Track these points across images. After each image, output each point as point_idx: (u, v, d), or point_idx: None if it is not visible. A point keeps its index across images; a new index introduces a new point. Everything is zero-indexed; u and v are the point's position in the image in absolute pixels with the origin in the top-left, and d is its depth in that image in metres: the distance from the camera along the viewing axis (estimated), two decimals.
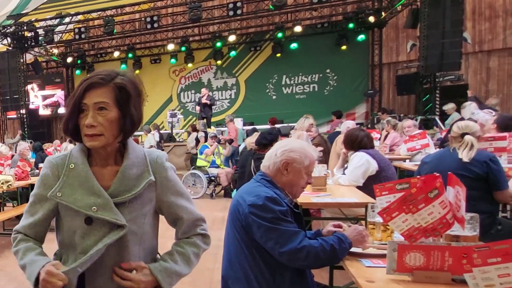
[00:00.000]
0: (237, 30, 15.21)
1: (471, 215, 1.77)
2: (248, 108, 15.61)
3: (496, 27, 13.05)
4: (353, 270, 1.96)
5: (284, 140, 2.50)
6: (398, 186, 2.09)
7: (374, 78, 14.62)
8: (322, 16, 14.74)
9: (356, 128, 4.67)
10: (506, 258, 1.03)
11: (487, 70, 13.38)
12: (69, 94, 13.23)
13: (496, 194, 3.33)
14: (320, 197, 3.73)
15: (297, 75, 15.36)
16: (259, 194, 2.16)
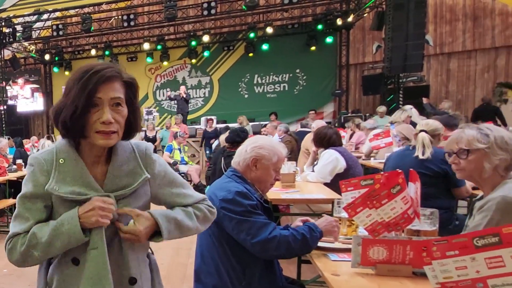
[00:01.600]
0: (211, 30, 15.19)
1: (431, 211, 1.80)
2: (221, 106, 15.58)
3: (456, 30, 13.40)
4: (320, 264, 1.97)
5: (254, 137, 2.50)
6: (363, 182, 2.10)
7: (342, 79, 14.78)
8: (292, 17, 14.83)
9: (325, 126, 4.70)
10: (463, 251, 1.04)
11: (447, 71, 13.72)
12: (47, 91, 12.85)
13: (454, 190, 3.39)
14: (289, 193, 3.75)
15: (269, 74, 15.40)
16: (229, 189, 2.17)
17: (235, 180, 2.26)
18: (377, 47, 12.35)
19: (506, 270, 0.98)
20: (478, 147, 1.86)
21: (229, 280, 2.16)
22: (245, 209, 2.10)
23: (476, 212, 1.84)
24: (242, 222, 2.09)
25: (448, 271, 1.07)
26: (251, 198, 2.16)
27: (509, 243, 0.98)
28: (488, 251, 1.00)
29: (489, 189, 1.89)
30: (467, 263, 1.03)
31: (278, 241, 2.05)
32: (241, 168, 2.30)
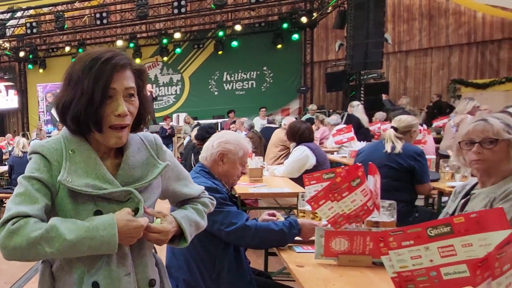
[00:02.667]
0: (181, 28, 15.04)
1: (389, 203, 1.82)
2: (192, 103, 15.45)
3: (413, 29, 13.70)
4: (285, 256, 1.98)
5: (220, 132, 2.48)
6: (325, 176, 2.12)
7: (306, 76, 14.88)
8: (259, 16, 14.83)
9: (299, 121, 4.71)
10: (418, 241, 1.05)
11: (405, 69, 14.03)
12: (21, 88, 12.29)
13: (418, 187, 3.42)
14: (257, 187, 3.76)
15: (237, 72, 15.34)
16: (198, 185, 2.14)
17: (203, 176, 2.24)
18: (340, 45, 12.50)
19: (457, 259, 0.99)
20: (505, 138, 1.77)
21: (199, 274, 2.15)
22: (217, 201, 2.07)
23: (500, 201, 1.77)
24: (215, 213, 2.02)
25: (404, 261, 1.07)
26: (221, 192, 2.15)
27: (460, 233, 0.99)
28: (441, 240, 1.02)
29: (498, 179, 1.84)
30: (421, 252, 1.04)
31: (255, 230, 2.05)
32: (209, 163, 2.28)
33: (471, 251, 0.97)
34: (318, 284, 1.61)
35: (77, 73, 1.17)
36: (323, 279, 1.65)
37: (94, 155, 1.21)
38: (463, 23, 13.21)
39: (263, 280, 2.39)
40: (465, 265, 0.98)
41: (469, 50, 13.29)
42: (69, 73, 1.20)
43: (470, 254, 0.97)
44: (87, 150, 1.21)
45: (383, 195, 1.86)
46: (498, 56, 13.00)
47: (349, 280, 1.63)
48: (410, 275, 1.07)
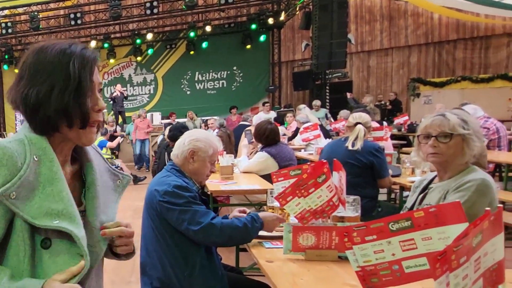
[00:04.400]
0: (154, 29, 14.91)
1: (354, 198, 1.83)
2: (165, 102, 15.29)
3: (374, 29, 13.94)
4: (255, 251, 1.97)
5: (192, 131, 2.46)
6: (292, 173, 2.12)
7: (275, 75, 14.94)
8: (229, 17, 14.79)
9: (266, 121, 4.68)
10: (380, 235, 1.05)
11: (367, 68, 14.26)
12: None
13: (379, 181, 3.45)
14: (228, 185, 3.75)
15: (208, 72, 15.28)
16: (169, 183, 2.13)
17: (174, 174, 2.23)
18: (306, 45, 12.57)
19: (418, 252, 1.00)
20: (459, 132, 1.80)
21: (172, 272, 2.13)
22: (186, 200, 2.08)
23: (452, 192, 1.81)
24: (183, 211, 2.06)
25: (367, 255, 1.07)
26: (191, 190, 2.13)
27: (420, 227, 0.99)
28: (402, 234, 1.02)
29: (454, 173, 1.86)
30: (384, 246, 1.04)
31: (220, 228, 2.03)
32: (180, 161, 2.26)
33: (431, 244, 0.97)
34: (287, 279, 1.60)
35: (51, 61, 0.99)
36: (291, 274, 1.65)
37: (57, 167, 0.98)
38: (421, 24, 13.53)
39: (234, 276, 2.38)
40: (425, 258, 0.98)
41: (427, 50, 13.64)
42: (33, 63, 1.01)
43: (429, 247, 0.98)
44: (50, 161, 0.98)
45: (346, 192, 1.87)
46: (453, 56, 13.39)
47: (316, 275, 1.62)
48: (373, 269, 1.06)
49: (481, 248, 0.79)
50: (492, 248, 0.79)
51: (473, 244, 0.79)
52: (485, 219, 0.80)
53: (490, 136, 4.95)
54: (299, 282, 1.57)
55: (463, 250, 0.78)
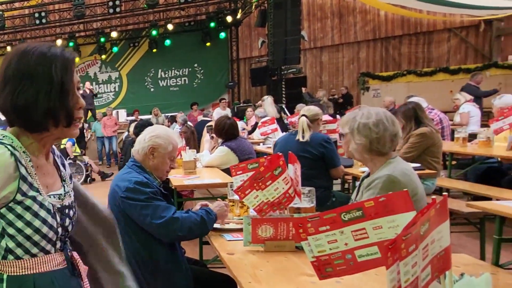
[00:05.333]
0: (117, 27, 14.57)
1: (309, 189, 1.81)
2: (130, 100, 15.01)
3: (326, 26, 14.10)
4: (217, 244, 1.93)
5: (152, 127, 2.38)
6: (250, 166, 2.08)
7: (233, 72, 14.89)
8: (189, 15, 14.63)
9: (225, 117, 4.64)
10: (333, 225, 1.03)
11: (320, 64, 14.43)
12: None
13: (332, 171, 3.47)
14: (191, 179, 3.68)
15: (171, 69, 15.11)
16: (130, 180, 2.08)
17: (135, 170, 2.17)
18: (262, 42, 12.56)
19: (369, 241, 0.98)
20: (344, 132, 1.85)
21: (138, 268, 2.07)
22: (147, 195, 2.03)
23: (365, 190, 1.83)
24: (145, 207, 2.02)
25: (321, 245, 1.05)
26: (151, 186, 2.09)
27: (371, 216, 0.98)
28: (354, 224, 1.00)
29: (373, 167, 1.88)
30: (337, 236, 1.02)
31: (181, 222, 2.01)
32: (140, 157, 2.20)
33: (381, 233, 0.96)
34: (247, 271, 1.57)
35: (34, 66, 1.02)
36: (251, 265, 1.62)
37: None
38: (368, 20, 13.80)
39: (198, 269, 2.35)
40: (376, 246, 0.97)
41: (375, 45, 13.95)
42: (17, 68, 1.03)
43: (380, 236, 0.96)
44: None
45: (301, 184, 1.85)
46: (399, 51, 13.76)
47: (275, 265, 1.60)
48: (328, 259, 1.04)
49: (428, 236, 0.78)
50: (438, 236, 0.78)
51: (421, 233, 0.77)
52: (432, 208, 0.79)
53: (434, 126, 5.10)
54: (259, 273, 1.54)
55: (411, 238, 0.77)
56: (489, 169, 4.31)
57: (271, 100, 8.53)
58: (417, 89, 10.33)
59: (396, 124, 1.82)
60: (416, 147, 3.51)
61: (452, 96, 6.90)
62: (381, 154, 1.82)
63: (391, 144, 1.81)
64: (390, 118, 1.81)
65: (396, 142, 1.83)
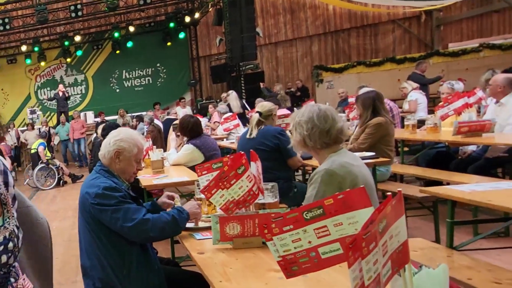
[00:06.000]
0: (80, 30, 14.15)
1: (272, 184, 1.79)
2: (97, 101, 14.60)
3: (279, 22, 14.12)
4: (187, 244, 1.88)
5: (117, 130, 2.27)
6: (214, 166, 2.03)
7: (194, 70, 14.69)
8: (148, 16, 14.30)
9: (188, 115, 4.55)
10: (296, 225, 1.00)
11: (276, 59, 14.46)
12: None
13: (288, 161, 3.43)
14: (159, 178, 3.60)
15: (134, 69, 14.79)
16: (98, 185, 2.00)
17: (103, 175, 2.08)
18: (220, 40, 12.42)
19: (331, 238, 0.96)
20: (290, 129, 1.84)
21: (112, 271, 2.02)
22: (117, 200, 1.95)
23: (309, 183, 1.83)
24: (116, 211, 1.95)
25: (286, 245, 1.02)
26: (120, 190, 2.01)
27: (331, 213, 0.96)
28: (315, 222, 0.98)
29: (320, 160, 1.87)
30: (301, 235, 1.00)
31: (152, 223, 1.93)
32: (107, 161, 2.12)
33: (342, 230, 0.94)
34: (216, 269, 1.53)
35: None
36: (221, 264, 1.58)
37: None
38: (318, 15, 13.94)
39: (170, 269, 2.29)
40: (338, 243, 0.95)
41: (326, 39, 14.12)
42: None
43: (341, 233, 0.95)
44: None
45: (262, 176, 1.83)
46: (349, 43, 14.00)
47: (244, 262, 1.57)
48: (293, 258, 1.02)
49: (386, 232, 0.76)
50: (396, 231, 0.77)
51: (380, 230, 0.76)
52: (388, 204, 0.77)
53: None
54: (229, 271, 1.50)
55: (371, 236, 0.75)
56: (438, 153, 4.34)
57: (235, 95, 8.48)
58: (367, 79, 10.45)
59: (329, 121, 1.79)
60: (371, 137, 3.55)
61: (400, 85, 6.96)
62: (322, 148, 1.82)
63: (327, 139, 1.79)
64: (322, 116, 1.79)
65: (336, 136, 1.81)
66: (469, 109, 4.04)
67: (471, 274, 1.83)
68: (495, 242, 3.07)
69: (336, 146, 1.85)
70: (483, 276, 1.82)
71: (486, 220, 3.05)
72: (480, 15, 12.26)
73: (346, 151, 1.90)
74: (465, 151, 4.06)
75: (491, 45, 10.97)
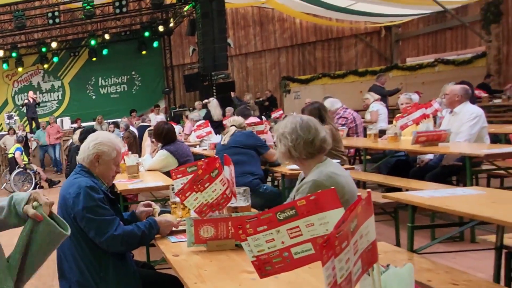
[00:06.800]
0: (58, 37, 13.68)
1: (243, 188, 1.76)
2: (74, 107, 14.15)
3: (249, 34, 14.17)
4: (163, 246, 1.83)
5: (95, 134, 2.18)
6: (189, 169, 1.99)
7: (169, 78, 14.48)
8: (124, 25, 13.97)
9: (163, 122, 4.47)
10: (270, 225, 0.99)
11: (246, 69, 14.48)
12: None
13: (264, 156, 3.55)
14: (135, 183, 3.51)
15: (110, 77, 14.43)
16: (79, 185, 1.92)
17: (83, 175, 2.01)
18: (193, 50, 12.32)
19: (303, 238, 0.95)
20: (274, 140, 1.81)
21: (89, 274, 1.94)
22: (95, 203, 1.88)
23: (296, 193, 1.77)
24: (90, 220, 1.87)
25: (260, 245, 1.00)
26: (99, 191, 1.94)
27: (303, 214, 0.95)
28: (288, 223, 0.96)
29: (305, 170, 1.82)
30: (274, 235, 0.98)
31: (122, 238, 1.88)
32: (87, 164, 2.04)
33: (314, 230, 0.93)
34: (192, 271, 1.49)
35: None
36: (196, 266, 1.54)
37: None
38: (286, 28, 14.09)
39: (146, 272, 2.21)
40: (310, 243, 0.94)
41: (293, 51, 14.28)
42: None
43: (313, 233, 0.93)
44: None
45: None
46: (314, 56, 14.21)
47: (218, 264, 1.53)
48: (267, 258, 1.00)
49: (357, 232, 0.76)
50: (366, 231, 0.77)
51: (351, 229, 0.75)
52: (358, 205, 0.77)
53: (349, 124, 5.14)
54: (204, 273, 1.46)
55: (343, 235, 0.74)
56: (398, 161, 4.36)
57: (216, 102, 8.36)
58: (332, 90, 10.41)
59: (312, 131, 1.74)
60: None
61: (362, 96, 6.96)
62: (307, 158, 1.77)
63: (311, 149, 1.75)
64: (305, 126, 1.75)
65: (320, 146, 1.76)
66: (426, 119, 4.05)
67: (431, 276, 1.84)
68: (451, 246, 3.12)
69: (320, 156, 1.79)
70: (442, 278, 1.83)
71: (443, 225, 3.09)
72: (435, 31, 12.51)
73: (331, 161, 1.85)
74: (423, 159, 4.08)
75: (445, 60, 11.27)
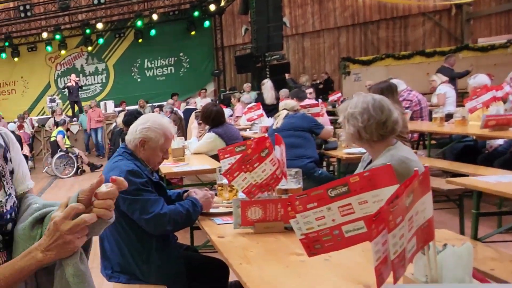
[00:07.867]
0: (103, 18, 14.18)
1: (296, 170, 1.80)
2: (118, 91, 14.73)
3: (306, 13, 13.97)
4: (207, 228, 1.90)
5: (145, 116, 2.25)
6: (237, 149, 2.04)
7: (219, 60, 14.71)
8: (173, 4, 14.32)
9: (211, 104, 4.60)
10: (320, 202, 1.01)
11: (302, 50, 14.33)
12: None
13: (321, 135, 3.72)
14: (180, 166, 3.64)
15: (157, 59, 14.86)
16: (121, 168, 2.00)
17: (126, 158, 2.09)
18: (245, 30, 12.38)
19: (355, 216, 0.97)
20: (341, 120, 1.80)
21: (131, 256, 2.06)
22: (137, 187, 1.95)
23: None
24: (134, 201, 1.96)
25: (310, 222, 1.03)
26: (142, 175, 2.02)
27: (356, 191, 0.97)
28: (340, 200, 0.98)
29: (373, 154, 1.82)
30: (324, 213, 1.01)
31: (169, 216, 1.97)
32: (132, 147, 2.13)
33: (367, 208, 0.95)
34: (237, 253, 1.55)
35: None
36: (242, 248, 1.60)
37: None
38: (347, 6, 13.72)
39: (190, 254, 2.31)
40: (362, 221, 0.96)
41: (354, 30, 13.90)
42: None
43: (366, 211, 0.95)
44: None
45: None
46: (377, 35, 13.73)
47: (265, 246, 1.59)
48: (316, 236, 1.03)
49: (413, 208, 0.77)
50: (422, 207, 0.78)
51: (406, 204, 0.76)
52: (415, 180, 0.78)
53: (413, 108, 5.09)
54: (250, 254, 1.52)
55: (398, 210, 0.76)
56: (465, 147, 4.34)
57: (270, 85, 8.41)
58: (396, 72, 10.34)
59: (385, 111, 1.71)
60: None
61: (429, 78, 6.92)
62: (378, 140, 1.75)
63: (383, 131, 1.72)
64: (378, 106, 1.72)
65: (392, 128, 1.73)
66: (497, 102, 4.02)
67: (494, 265, 1.87)
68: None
69: (391, 138, 1.78)
70: (506, 267, 1.85)
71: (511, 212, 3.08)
72: (508, 11, 12.04)
73: (402, 145, 1.83)
74: (492, 145, 4.07)
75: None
